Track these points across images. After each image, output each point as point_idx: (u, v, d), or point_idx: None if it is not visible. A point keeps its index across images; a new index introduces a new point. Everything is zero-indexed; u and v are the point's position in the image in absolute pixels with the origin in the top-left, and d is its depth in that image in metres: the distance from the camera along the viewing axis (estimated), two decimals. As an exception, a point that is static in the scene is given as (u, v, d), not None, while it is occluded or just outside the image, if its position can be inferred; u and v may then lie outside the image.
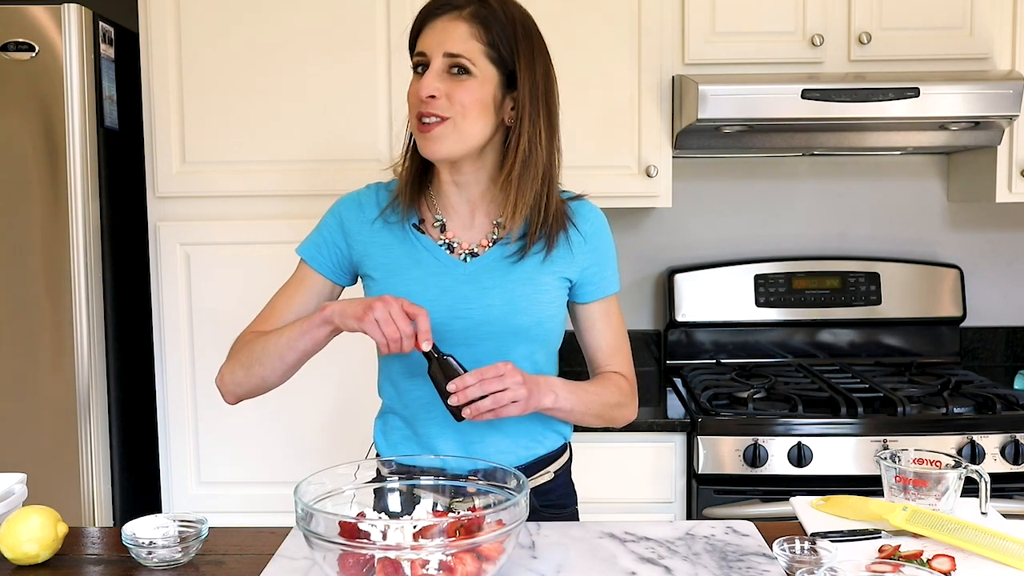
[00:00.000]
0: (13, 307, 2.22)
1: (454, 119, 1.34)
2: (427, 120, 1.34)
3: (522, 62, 1.36)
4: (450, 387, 1.28)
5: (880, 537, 1.30)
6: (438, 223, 1.45)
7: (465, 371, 1.30)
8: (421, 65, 1.36)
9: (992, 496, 1.41)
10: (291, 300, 1.48)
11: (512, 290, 1.40)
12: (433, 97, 1.33)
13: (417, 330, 1.28)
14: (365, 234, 1.45)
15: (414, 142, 1.43)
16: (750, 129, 2.38)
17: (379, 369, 1.51)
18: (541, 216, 1.40)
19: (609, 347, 1.52)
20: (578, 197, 1.50)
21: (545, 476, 1.48)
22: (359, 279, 1.50)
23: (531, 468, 1.46)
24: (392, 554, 1.04)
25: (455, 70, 1.33)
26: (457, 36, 1.33)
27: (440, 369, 1.30)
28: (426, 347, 1.29)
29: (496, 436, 1.43)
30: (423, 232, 1.44)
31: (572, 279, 1.46)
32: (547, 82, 1.39)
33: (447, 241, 1.44)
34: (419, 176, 1.45)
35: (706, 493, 2.17)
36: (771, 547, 1.24)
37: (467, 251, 1.43)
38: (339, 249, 1.46)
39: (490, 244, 1.43)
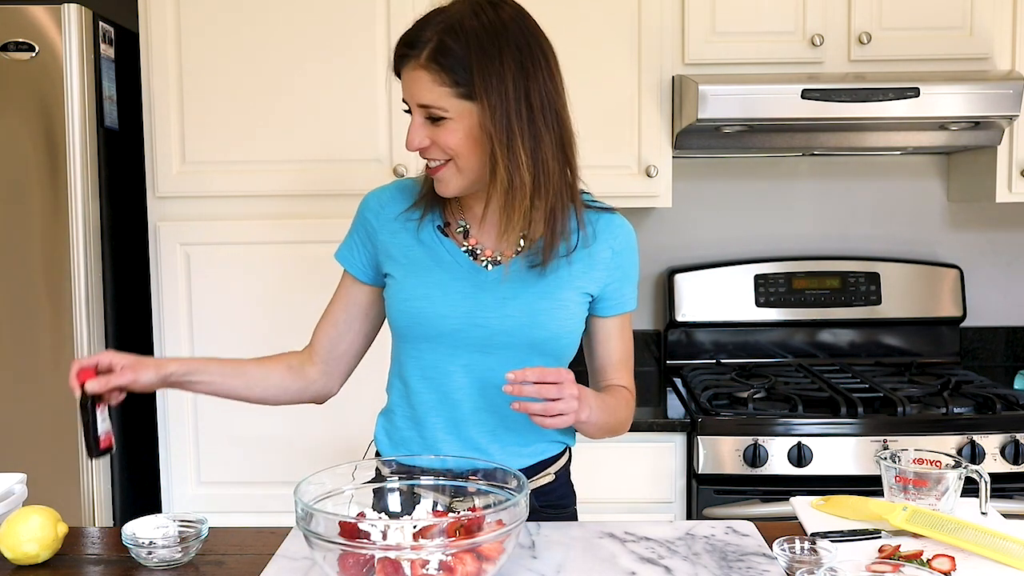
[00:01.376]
0: (13, 307, 2.22)
1: (454, 160, 1.33)
2: (431, 164, 1.35)
3: (480, 89, 1.27)
4: (509, 376, 1.25)
5: (880, 537, 1.30)
6: (461, 229, 1.43)
7: (95, 424, 1.35)
8: (408, 110, 1.36)
9: (992, 496, 1.41)
10: (331, 310, 1.51)
11: (533, 303, 1.38)
12: (424, 147, 1.33)
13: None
14: (387, 232, 1.43)
15: None
16: (750, 129, 2.38)
17: (392, 366, 1.50)
18: (549, 229, 1.34)
19: (618, 361, 1.51)
20: (609, 210, 1.46)
21: (547, 477, 1.48)
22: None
23: (533, 470, 1.46)
24: (392, 554, 1.04)
25: (431, 119, 1.32)
26: (422, 87, 1.30)
27: (85, 414, 1.34)
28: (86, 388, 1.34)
29: (498, 444, 1.43)
30: (447, 235, 1.42)
31: (594, 294, 1.44)
32: (524, 85, 1.29)
33: (471, 247, 1.41)
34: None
35: (706, 493, 2.17)
36: (771, 547, 1.24)
37: (490, 258, 1.41)
38: (367, 249, 1.45)
39: (514, 254, 1.40)
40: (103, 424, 1.35)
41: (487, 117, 1.28)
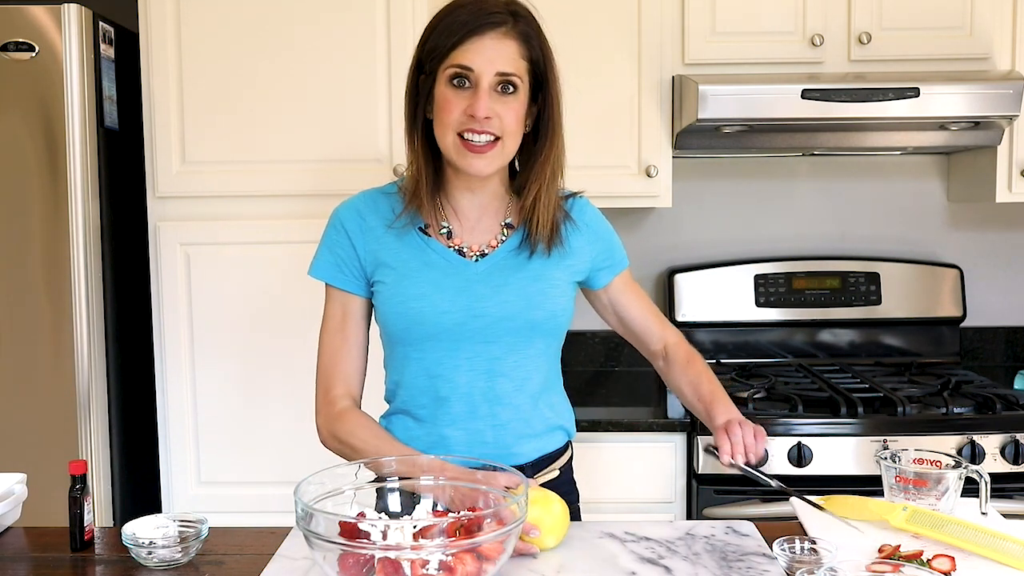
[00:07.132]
0: (13, 307, 2.22)
1: (503, 139, 1.36)
2: (478, 139, 1.34)
3: (550, 71, 1.38)
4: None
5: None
6: (444, 230, 1.44)
7: (83, 517, 1.35)
8: (461, 78, 1.33)
9: (992, 496, 1.41)
10: (346, 338, 1.46)
11: (526, 286, 1.42)
12: (488, 117, 1.33)
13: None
14: (371, 241, 1.44)
15: (427, 150, 1.41)
16: (750, 129, 2.38)
17: (389, 374, 1.50)
18: (548, 210, 1.43)
19: (652, 313, 1.59)
20: (573, 195, 1.52)
21: (552, 473, 1.49)
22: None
23: (537, 465, 1.47)
24: (392, 554, 1.04)
25: (501, 88, 1.34)
26: (508, 54, 1.33)
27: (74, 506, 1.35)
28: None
29: (505, 433, 1.44)
30: (430, 236, 1.44)
31: (584, 271, 1.49)
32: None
33: (456, 247, 1.43)
34: (434, 182, 1.44)
35: (706, 493, 2.17)
36: (771, 547, 1.24)
37: (477, 253, 1.43)
38: (354, 262, 1.45)
39: (498, 244, 1.44)
40: (88, 516, 1.36)
41: (553, 93, 1.39)
